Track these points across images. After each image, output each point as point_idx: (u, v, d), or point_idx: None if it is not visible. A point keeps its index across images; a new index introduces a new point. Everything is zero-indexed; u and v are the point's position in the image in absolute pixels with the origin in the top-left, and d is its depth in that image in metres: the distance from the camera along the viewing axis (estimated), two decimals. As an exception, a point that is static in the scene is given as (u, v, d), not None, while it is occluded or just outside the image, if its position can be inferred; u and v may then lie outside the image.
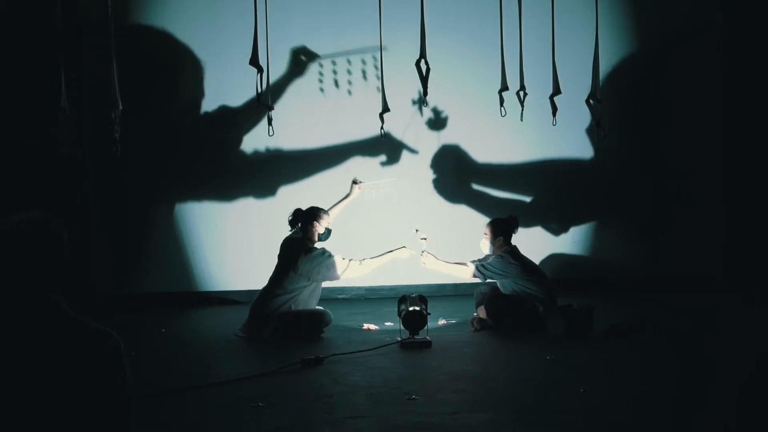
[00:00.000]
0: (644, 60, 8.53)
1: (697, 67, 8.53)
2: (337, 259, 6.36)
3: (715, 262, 8.50)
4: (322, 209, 6.56)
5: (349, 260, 6.40)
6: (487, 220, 7.10)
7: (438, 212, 8.27)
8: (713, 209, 8.56)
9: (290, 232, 6.56)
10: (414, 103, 8.27)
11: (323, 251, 6.40)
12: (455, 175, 8.45)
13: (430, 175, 8.41)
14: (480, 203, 8.44)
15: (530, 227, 8.29)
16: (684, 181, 8.56)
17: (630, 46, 8.52)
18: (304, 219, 6.49)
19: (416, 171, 8.34)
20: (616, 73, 8.45)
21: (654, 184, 8.60)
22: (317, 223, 6.46)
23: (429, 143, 8.40)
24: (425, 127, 8.35)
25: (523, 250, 6.74)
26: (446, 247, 7.12)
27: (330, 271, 6.36)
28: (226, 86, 8.11)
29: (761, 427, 3.96)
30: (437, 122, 8.38)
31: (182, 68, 8.17)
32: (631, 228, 8.64)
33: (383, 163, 8.29)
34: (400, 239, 6.75)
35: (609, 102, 7.63)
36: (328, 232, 6.53)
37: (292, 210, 6.56)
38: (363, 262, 6.49)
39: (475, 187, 8.50)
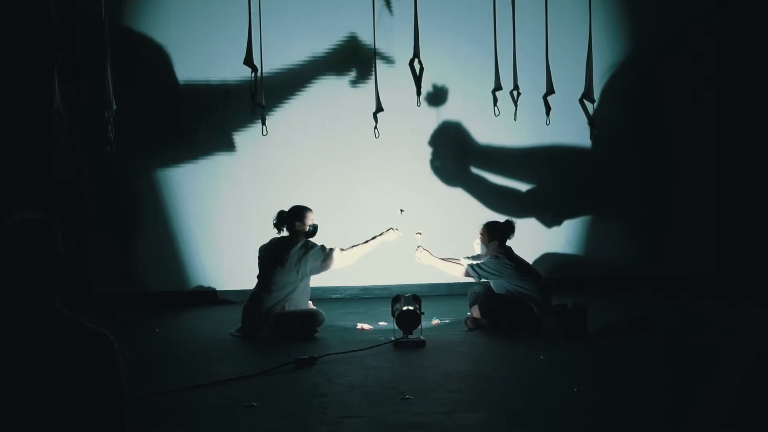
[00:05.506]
0: (639, 59, 8.53)
1: (691, 66, 8.53)
2: (321, 250, 6.39)
3: (710, 259, 8.51)
4: (305, 206, 6.57)
5: (331, 249, 6.42)
6: (481, 219, 7.10)
7: (432, 209, 8.23)
8: (707, 208, 8.57)
9: (277, 236, 6.56)
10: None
11: (306, 242, 6.43)
12: (448, 173, 8.43)
13: (425, 174, 8.39)
14: (473, 203, 8.43)
15: (524, 227, 8.26)
16: (679, 179, 8.56)
17: (625, 45, 8.52)
18: (289, 219, 6.50)
19: (410, 169, 8.32)
20: (610, 72, 8.44)
21: (649, 184, 8.60)
22: (302, 221, 6.47)
23: (423, 142, 8.38)
24: (419, 126, 8.33)
25: (517, 250, 6.74)
26: (440, 243, 7.10)
27: (317, 262, 6.37)
28: (220, 85, 8.09)
29: (757, 427, 3.97)
30: (431, 122, 8.37)
31: (177, 67, 8.14)
32: (625, 227, 8.65)
33: (376, 164, 8.27)
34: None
35: (604, 101, 7.65)
36: (314, 227, 6.54)
37: (276, 213, 6.56)
38: (349, 249, 6.50)
39: (469, 185, 8.49)
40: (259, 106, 6.44)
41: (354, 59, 8.13)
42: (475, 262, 6.65)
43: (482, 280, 6.70)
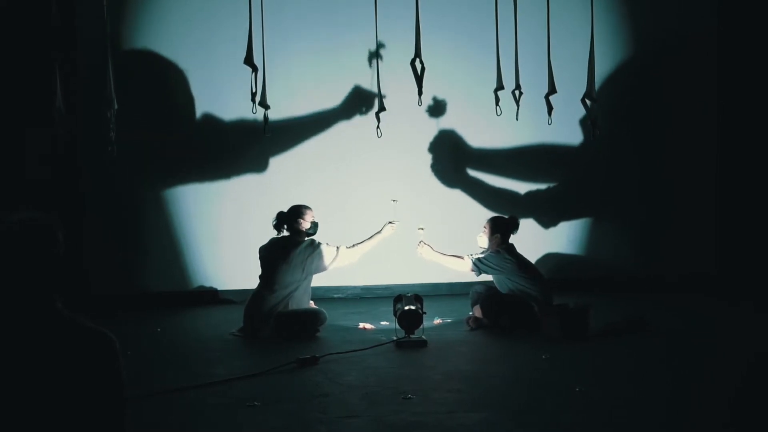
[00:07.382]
0: (640, 59, 8.54)
1: (692, 67, 8.54)
2: (326, 248, 6.41)
3: (709, 260, 8.52)
4: (304, 205, 6.57)
5: (336, 247, 6.44)
6: (481, 219, 7.09)
7: (432, 209, 8.23)
8: (707, 208, 8.58)
9: (277, 236, 6.56)
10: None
11: (311, 241, 6.44)
12: (450, 173, 8.43)
13: (426, 173, 8.39)
14: (474, 202, 8.43)
15: (525, 226, 8.27)
16: (679, 180, 8.57)
17: (626, 46, 8.52)
18: (289, 219, 6.50)
19: (411, 168, 8.32)
20: (612, 72, 8.45)
21: (649, 184, 8.61)
22: (302, 220, 6.47)
23: (424, 142, 8.38)
24: (420, 126, 8.33)
25: (519, 249, 6.75)
26: (441, 243, 7.09)
27: (321, 260, 6.39)
28: (221, 85, 8.09)
29: (757, 427, 3.97)
30: (432, 121, 8.37)
31: (177, 67, 8.13)
32: (626, 227, 8.66)
33: (378, 161, 8.27)
34: (382, 220, 6.72)
35: (605, 101, 7.64)
36: (314, 225, 6.54)
37: (275, 214, 6.56)
38: (353, 247, 6.52)
39: (470, 185, 8.49)
40: (264, 107, 6.44)
41: (355, 59, 8.13)
42: (476, 257, 6.65)
43: (482, 275, 6.70)
